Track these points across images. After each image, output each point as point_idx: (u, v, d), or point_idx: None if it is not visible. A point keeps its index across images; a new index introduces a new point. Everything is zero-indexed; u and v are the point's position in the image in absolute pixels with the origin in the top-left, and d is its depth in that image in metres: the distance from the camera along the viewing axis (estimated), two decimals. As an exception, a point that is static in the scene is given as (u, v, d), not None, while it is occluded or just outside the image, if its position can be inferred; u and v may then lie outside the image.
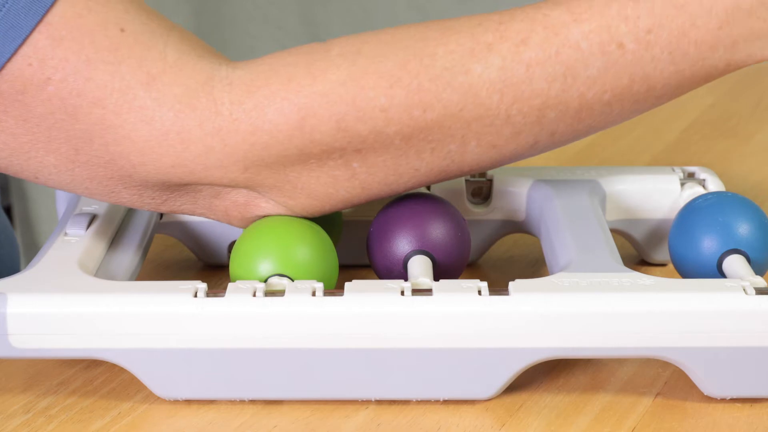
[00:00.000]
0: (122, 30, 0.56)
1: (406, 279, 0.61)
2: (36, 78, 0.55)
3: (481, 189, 0.70)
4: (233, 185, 0.59)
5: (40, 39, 0.55)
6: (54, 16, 0.55)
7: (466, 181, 0.69)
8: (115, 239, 0.64)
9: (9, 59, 0.55)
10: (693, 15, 0.56)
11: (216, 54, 0.59)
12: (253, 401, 0.57)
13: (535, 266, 0.72)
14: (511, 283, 0.56)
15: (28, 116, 0.56)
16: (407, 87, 0.57)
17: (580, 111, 0.58)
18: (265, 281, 0.58)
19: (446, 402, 0.57)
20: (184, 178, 0.58)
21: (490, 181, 0.69)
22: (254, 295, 0.55)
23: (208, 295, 0.56)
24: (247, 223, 0.61)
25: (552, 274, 0.61)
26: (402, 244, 0.62)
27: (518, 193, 0.69)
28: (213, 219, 0.61)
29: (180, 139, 0.57)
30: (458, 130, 0.58)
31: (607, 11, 0.57)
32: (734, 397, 0.57)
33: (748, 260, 0.61)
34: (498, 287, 0.56)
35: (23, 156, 0.58)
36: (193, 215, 0.62)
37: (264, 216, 0.60)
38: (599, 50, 0.57)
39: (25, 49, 0.55)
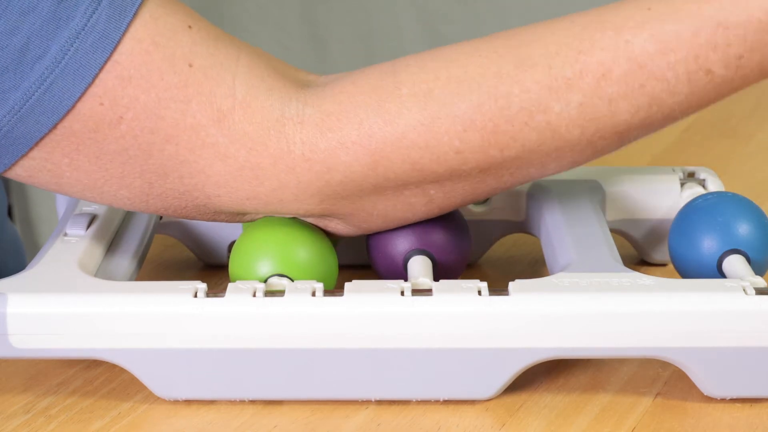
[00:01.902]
0: (190, 65, 0.56)
1: (406, 279, 0.61)
2: (108, 117, 0.55)
3: (481, 189, 0.69)
4: (308, 215, 0.59)
5: (108, 78, 0.55)
6: (121, 55, 0.55)
7: (466, 181, 0.69)
8: (114, 239, 0.64)
9: (79, 99, 0.54)
10: None
11: (285, 83, 0.58)
12: (253, 401, 0.57)
13: (535, 266, 0.72)
14: (511, 283, 0.56)
15: (101, 153, 0.56)
16: (482, 130, 0.55)
17: (662, 126, 0.56)
18: (265, 281, 0.58)
19: (446, 402, 0.57)
20: (260, 209, 0.58)
21: (490, 181, 0.69)
22: (254, 295, 0.55)
23: (208, 295, 0.56)
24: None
25: (552, 274, 0.61)
26: (402, 244, 0.62)
27: (518, 193, 0.69)
28: None
29: (254, 175, 0.56)
30: (537, 160, 0.57)
31: (695, 40, 0.54)
32: (734, 397, 0.57)
33: (748, 260, 0.61)
34: (498, 287, 0.56)
35: (96, 191, 0.58)
36: None
37: (337, 233, 0.61)
38: (686, 78, 0.54)
39: (95, 89, 0.55)
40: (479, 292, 0.56)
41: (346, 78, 0.58)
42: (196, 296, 0.55)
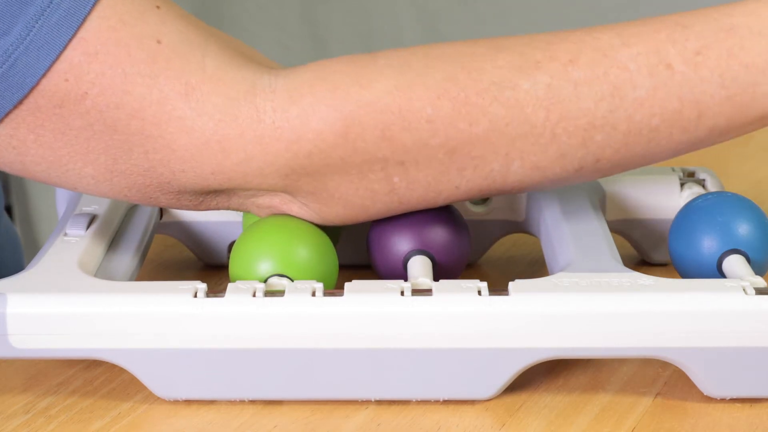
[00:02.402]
0: (159, 42, 0.56)
1: (406, 279, 0.61)
2: (73, 93, 0.55)
3: (481, 189, 0.70)
4: (271, 190, 0.59)
5: (74, 55, 0.55)
6: (87, 31, 0.55)
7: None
8: (114, 239, 0.64)
9: (44, 75, 0.55)
10: (742, 38, 0.56)
11: (257, 62, 0.58)
12: (253, 401, 0.57)
13: (535, 266, 0.72)
14: (511, 283, 0.56)
15: (66, 129, 0.56)
16: (454, 99, 0.56)
17: (627, 135, 0.57)
18: (265, 281, 0.58)
19: (446, 402, 0.57)
20: (224, 184, 0.58)
21: (490, 181, 0.69)
22: (254, 296, 0.55)
23: (208, 295, 0.56)
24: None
25: (552, 274, 0.61)
26: (402, 244, 0.62)
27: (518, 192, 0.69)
28: (242, 210, 0.61)
29: (220, 147, 0.56)
30: (503, 147, 0.57)
31: (656, 35, 0.57)
32: (734, 397, 0.57)
33: (748, 260, 0.61)
34: (498, 287, 0.56)
35: (61, 168, 0.58)
36: (227, 209, 0.61)
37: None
38: (647, 71, 0.56)
39: (60, 65, 0.55)
40: (479, 292, 0.56)
41: (322, 60, 0.59)
42: (196, 296, 0.56)
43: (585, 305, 0.55)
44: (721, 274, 0.61)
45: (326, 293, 0.56)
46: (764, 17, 0.56)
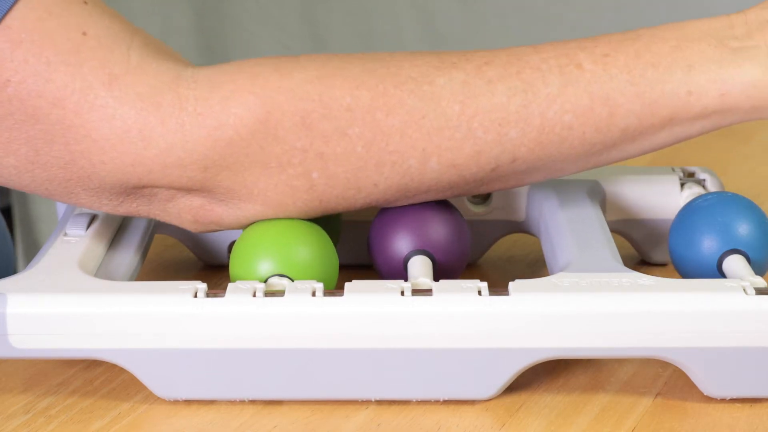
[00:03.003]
0: (84, 33, 0.56)
1: (406, 279, 0.61)
2: None
3: (481, 189, 0.70)
4: (189, 186, 0.58)
5: None
6: (13, 20, 0.55)
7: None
8: (114, 239, 0.64)
9: None
10: (647, 42, 0.59)
11: (181, 59, 0.59)
12: (253, 401, 0.57)
13: (535, 266, 0.72)
14: (511, 283, 0.56)
15: None
16: (373, 89, 0.58)
17: (541, 132, 0.58)
18: (265, 281, 0.58)
19: (446, 402, 0.57)
20: (143, 177, 0.58)
21: (490, 181, 0.69)
22: (254, 295, 0.55)
23: (208, 295, 0.56)
24: (199, 227, 0.60)
25: (552, 274, 0.61)
26: (402, 244, 0.62)
27: (518, 193, 0.69)
28: (167, 221, 0.61)
29: (141, 136, 0.57)
30: (419, 142, 0.58)
31: (567, 45, 0.59)
32: (734, 397, 0.57)
33: (748, 260, 0.61)
34: (498, 287, 0.56)
35: None
36: (148, 217, 0.61)
37: (217, 221, 0.60)
38: (558, 71, 0.58)
39: None
40: (479, 292, 0.56)
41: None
42: (196, 296, 0.56)
43: (585, 305, 0.55)
44: (722, 274, 0.61)
45: (326, 293, 0.56)
46: (666, 30, 0.59)
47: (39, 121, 0.56)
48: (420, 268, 0.60)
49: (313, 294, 0.56)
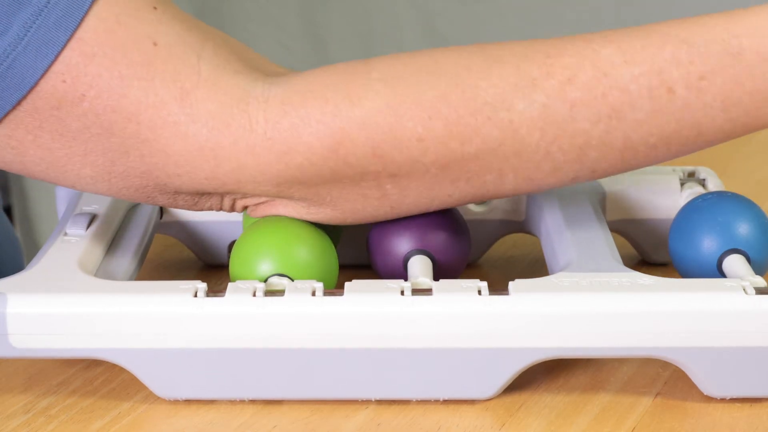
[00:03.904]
0: (155, 44, 0.56)
1: (406, 279, 0.61)
2: (70, 94, 0.55)
3: (481, 189, 0.69)
4: (264, 195, 0.59)
5: (72, 56, 0.55)
6: (85, 32, 0.55)
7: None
8: (115, 239, 0.64)
9: (42, 76, 0.55)
10: (750, 65, 0.55)
11: (252, 66, 0.58)
12: (253, 401, 0.57)
13: (535, 266, 0.72)
14: (511, 283, 0.56)
15: (64, 131, 0.56)
16: (446, 119, 0.56)
17: (623, 152, 0.57)
18: (265, 281, 0.58)
19: (446, 402, 0.57)
20: (218, 189, 0.58)
21: (490, 181, 0.69)
22: (254, 295, 0.55)
23: (208, 295, 0.56)
24: (264, 216, 0.61)
25: (552, 274, 0.61)
26: (402, 243, 0.62)
27: (518, 193, 0.69)
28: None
29: (214, 154, 0.56)
30: (496, 164, 0.57)
31: (659, 54, 0.55)
32: (734, 397, 0.57)
33: (748, 260, 0.61)
34: (498, 287, 0.56)
35: (60, 169, 0.57)
36: (223, 211, 0.61)
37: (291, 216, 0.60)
38: (648, 94, 0.55)
39: (58, 66, 0.55)
40: (479, 292, 0.56)
41: (317, 68, 0.58)
42: (196, 296, 0.56)
43: (585, 305, 0.55)
44: (722, 274, 0.61)
45: (326, 293, 0.56)
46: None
47: (114, 134, 0.56)
48: (420, 267, 0.60)
49: (313, 294, 0.56)
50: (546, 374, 0.59)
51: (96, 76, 0.55)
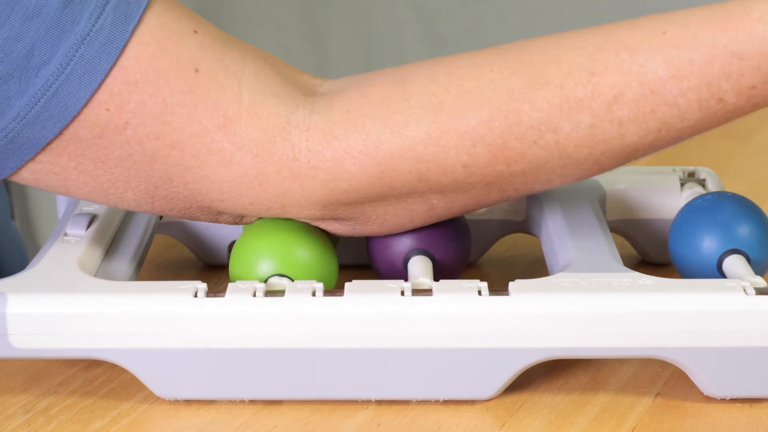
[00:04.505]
0: (197, 70, 0.55)
1: (406, 279, 0.61)
2: (113, 123, 0.55)
3: (481, 189, 0.69)
4: (309, 218, 0.59)
5: (115, 84, 0.54)
6: (128, 60, 0.54)
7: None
8: (114, 239, 0.64)
9: (85, 105, 0.54)
10: None
11: (292, 89, 0.57)
12: (253, 401, 0.57)
13: (535, 266, 0.72)
14: (511, 283, 0.56)
15: (107, 158, 0.56)
16: (491, 146, 0.55)
17: (670, 145, 0.56)
18: (265, 281, 0.58)
19: (446, 402, 0.57)
20: (262, 213, 0.58)
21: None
22: (254, 296, 0.55)
23: (208, 295, 0.56)
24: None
25: (552, 274, 0.61)
26: (402, 243, 0.62)
27: (518, 193, 0.69)
28: None
29: (258, 181, 0.56)
30: (543, 177, 0.57)
31: (709, 68, 0.53)
32: (734, 397, 0.57)
33: (748, 260, 0.61)
34: (498, 287, 0.56)
35: (103, 193, 0.58)
36: None
37: (333, 231, 0.61)
38: (698, 106, 0.54)
39: (101, 95, 0.54)
40: (479, 292, 0.56)
41: (354, 86, 0.58)
42: (196, 296, 0.55)
43: (585, 305, 0.55)
44: (722, 274, 0.61)
45: (326, 293, 0.56)
46: None
47: (157, 161, 0.56)
48: (420, 267, 0.60)
49: (313, 294, 0.56)
50: (546, 374, 0.59)
51: (139, 104, 0.55)
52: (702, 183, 0.69)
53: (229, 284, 0.56)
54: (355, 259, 0.69)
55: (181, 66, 0.55)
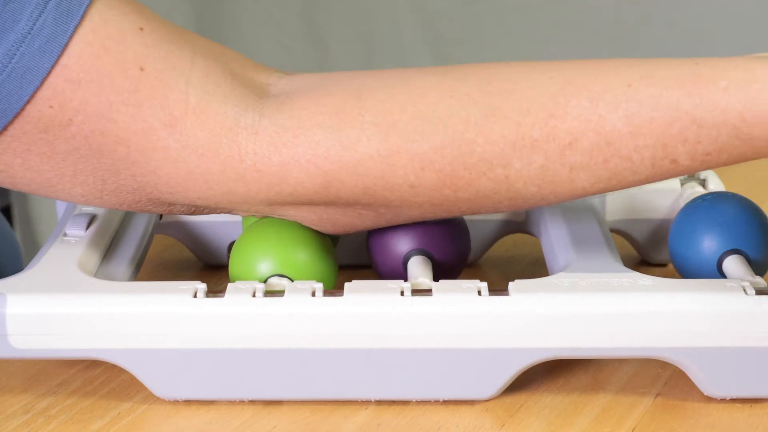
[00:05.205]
0: (142, 69, 0.55)
1: (406, 279, 0.61)
2: (57, 119, 0.55)
3: (481, 189, 0.69)
4: (258, 213, 0.59)
5: (58, 82, 0.54)
6: (70, 58, 0.54)
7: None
8: (114, 240, 0.64)
9: (28, 102, 0.54)
10: (757, 147, 0.53)
11: (242, 90, 0.57)
12: (253, 401, 0.57)
13: (535, 266, 0.72)
14: (511, 283, 0.56)
15: (53, 153, 0.56)
16: (439, 171, 0.55)
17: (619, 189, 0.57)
18: (265, 281, 0.58)
19: (446, 402, 0.57)
20: (211, 207, 0.58)
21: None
22: (254, 296, 0.55)
23: (207, 295, 0.56)
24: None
25: (552, 274, 0.61)
26: (402, 243, 0.62)
27: (518, 193, 0.69)
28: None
29: (204, 180, 0.56)
30: (491, 204, 0.57)
31: (668, 130, 0.53)
32: (734, 397, 0.57)
33: (748, 260, 0.61)
34: (498, 287, 0.56)
35: (51, 189, 0.57)
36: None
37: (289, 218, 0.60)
38: (651, 163, 0.54)
39: (44, 92, 0.54)
40: (479, 292, 0.55)
41: (309, 91, 0.57)
42: (195, 296, 0.55)
43: (585, 305, 0.55)
44: (722, 275, 0.61)
45: (326, 293, 0.56)
46: None
47: (104, 155, 0.56)
48: (420, 268, 0.60)
49: (313, 294, 0.56)
50: (546, 374, 0.59)
51: (83, 102, 0.55)
52: (702, 183, 0.69)
53: (229, 284, 0.56)
54: (355, 259, 0.69)
55: (126, 65, 0.55)
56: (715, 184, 0.69)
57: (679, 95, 0.53)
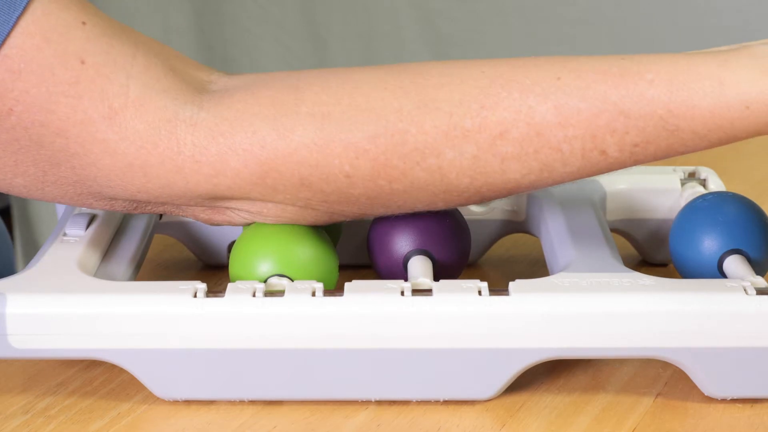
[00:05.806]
0: (83, 62, 0.55)
1: (406, 279, 0.61)
2: None
3: (482, 189, 0.69)
4: (199, 205, 0.59)
5: None
6: (11, 49, 0.55)
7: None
8: (114, 240, 0.64)
9: None
10: (684, 140, 0.55)
11: (182, 85, 0.58)
12: (253, 401, 0.57)
13: (535, 266, 0.72)
14: (511, 283, 0.56)
15: None
16: (373, 161, 0.56)
17: (552, 185, 0.58)
18: (265, 281, 0.58)
19: (446, 402, 0.57)
20: (151, 200, 0.58)
21: (491, 180, 0.69)
22: (254, 296, 0.55)
23: (207, 295, 0.56)
24: (214, 223, 0.61)
25: (552, 274, 0.61)
26: (402, 243, 0.62)
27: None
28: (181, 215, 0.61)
29: (143, 172, 0.56)
30: (426, 198, 0.58)
31: (595, 121, 0.54)
32: (735, 397, 0.57)
33: (749, 260, 0.61)
34: (498, 287, 0.56)
35: None
36: (163, 214, 0.61)
37: (229, 221, 0.60)
38: (581, 154, 0.55)
39: None
40: (479, 292, 0.55)
41: (247, 86, 0.58)
42: (196, 296, 0.55)
43: (585, 305, 0.55)
44: (722, 274, 0.61)
45: (326, 293, 0.56)
46: (708, 120, 0.54)
47: (44, 147, 0.56)
48: (420, 268, 0.60)
49: (313, 294, 0.56)
50: (546, 374, 0.59)
51: (23, 92, 0.55)
52: (702, 183, 0.69)
53: (229, 284, 0.56)
54: (355, 259, 0.69)
55: (67, 57, 0.55)
56: (715, 184, 0.69)
57: (606, 87, 0.54)
